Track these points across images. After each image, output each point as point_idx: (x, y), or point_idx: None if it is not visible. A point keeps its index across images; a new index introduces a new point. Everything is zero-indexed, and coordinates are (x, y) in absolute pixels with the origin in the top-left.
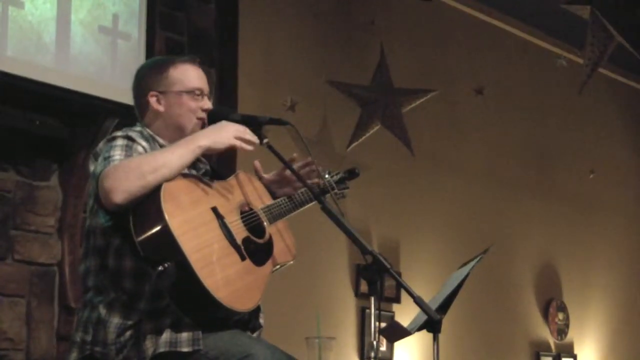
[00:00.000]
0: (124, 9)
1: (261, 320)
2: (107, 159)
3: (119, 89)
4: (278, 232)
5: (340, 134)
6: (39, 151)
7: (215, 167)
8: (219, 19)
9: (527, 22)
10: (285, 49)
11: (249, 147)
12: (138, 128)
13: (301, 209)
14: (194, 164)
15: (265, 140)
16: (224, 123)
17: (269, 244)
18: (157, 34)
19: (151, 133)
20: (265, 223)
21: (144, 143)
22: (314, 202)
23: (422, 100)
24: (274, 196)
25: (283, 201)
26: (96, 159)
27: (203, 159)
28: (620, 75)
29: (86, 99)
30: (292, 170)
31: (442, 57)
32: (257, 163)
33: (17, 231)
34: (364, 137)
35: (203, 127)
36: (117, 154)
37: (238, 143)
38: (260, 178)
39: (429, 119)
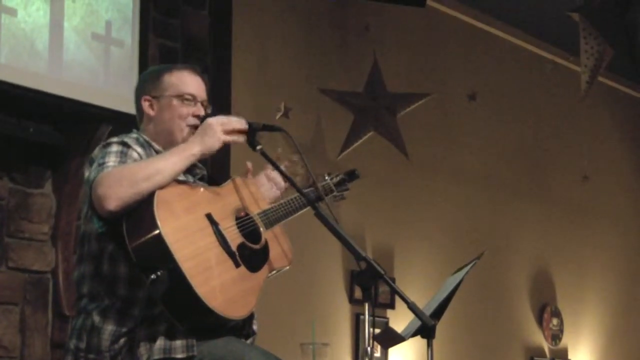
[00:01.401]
0: (117, 15)
1: (255, 327)
2: (101, 165)
3: (113, 96)
4: (274, 238)
5: (334, 140)
6: (32, 158)
7: (210, 172)
8: (212, 26)
9: (520, 27)
10: (279, 55)
11: (241, 139)
12: (134, 135)
13: (298, 213)
14: (190, 170)
15: (258, 147)
16: (207, 123)
17: (265, 250)
18: (150, 40)
19: (147, 139)
20: (261, 228)
21: (139, 149)
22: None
23: (416, 104)
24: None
25: (280, 206)
26: (91, 165)
27: (199, 164)
28: (613, 80)
29: (80, 105)
30: (285, 176)
31: (436, 62)
32: (249, 165)
33: (10, 238)
34: (356, 144)
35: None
36: (112, 160)
37: (229, 138)
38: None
39: (423, 124)
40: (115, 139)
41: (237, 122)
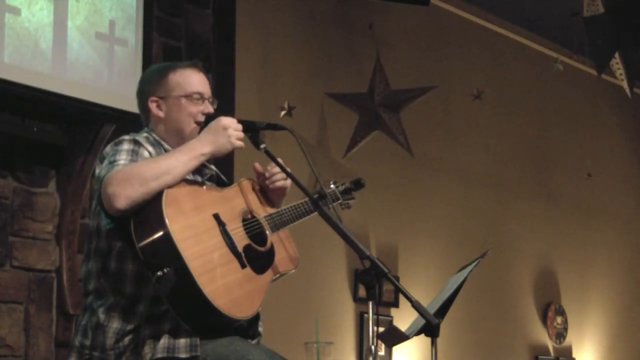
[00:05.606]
0: (121, 14)
1: (260, 329)
2: (112, 163)
3: (117, 95)
4: (280, 241)
5: (338, 138)
6: (36, 157)
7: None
8: (216, 24)
9: (524, 25)
10: (282, 54)
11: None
12: (145, 133)
13: (304, 219)
14: (199, 169)
15: (262, 146)
16: (221, 124)
17: (271, 253)
18: (154, 39)
19: (157, 138)
20: (267, 231)
21: (150, 148)
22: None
23: (419, 99)
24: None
25: (286, 210)
26: (102, 162)
27: (208, 164)
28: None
29: (84, 105)
30: (289, 175)
31: (440, 61)
32: (257, 166)
33: (15, 237)
34: (361, 143)
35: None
36: (123, 158)
37: (239, 144)
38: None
39: (427, 123)
40: (127, 137)
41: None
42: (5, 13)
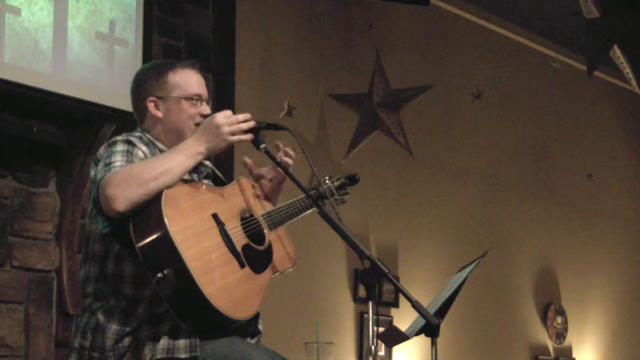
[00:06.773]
0: (121, 14)
1: (260, 327)
2: (108, 165)
3: (117, 95)
4: (278, 239)
5: (338, 138)
6: (36, 158)
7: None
8: (216, 25)
9: (525, 26)
10: (282, 54)
11: (248, 137)
12: (138, 133)
13: (302, 215)
14: (195, 168)
15: (262, 146)
16: (214, 122)
17: (269, 251)
18: (154, 39)
19: (151, 138)
20: (265, 230)
21: (144, 148)
22: (314, 209)
23: (419, 98)
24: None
25: (283, 207)
26: (97, 165)
27: (204, 162)
28: (618, 78)
29: (84, 105)
30: (289, 175)
31: (440, 61)
32: (248, 160)
33: (15, 237)
34: (362, 144)
35: None
36: (119, 159)
37: (236, 138)
38: (254, 176)
39: (427, 123)
40: (120, 138)
41: (244, 121)
42: (5, 13)
